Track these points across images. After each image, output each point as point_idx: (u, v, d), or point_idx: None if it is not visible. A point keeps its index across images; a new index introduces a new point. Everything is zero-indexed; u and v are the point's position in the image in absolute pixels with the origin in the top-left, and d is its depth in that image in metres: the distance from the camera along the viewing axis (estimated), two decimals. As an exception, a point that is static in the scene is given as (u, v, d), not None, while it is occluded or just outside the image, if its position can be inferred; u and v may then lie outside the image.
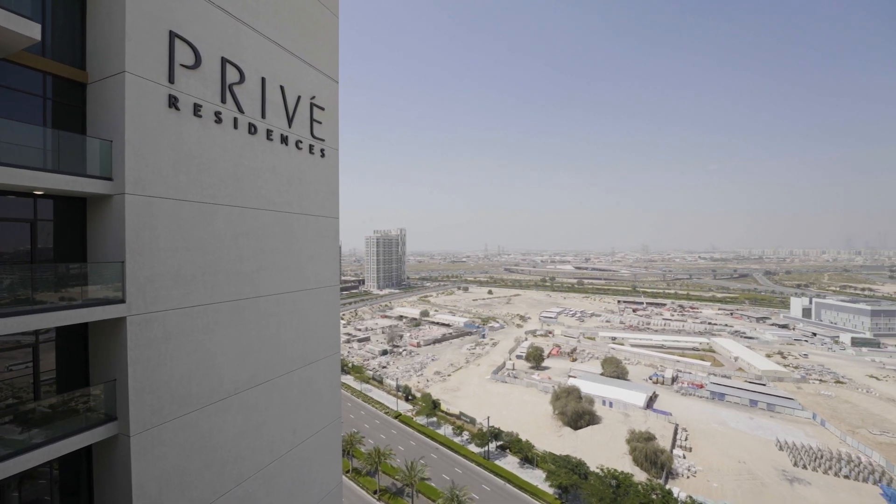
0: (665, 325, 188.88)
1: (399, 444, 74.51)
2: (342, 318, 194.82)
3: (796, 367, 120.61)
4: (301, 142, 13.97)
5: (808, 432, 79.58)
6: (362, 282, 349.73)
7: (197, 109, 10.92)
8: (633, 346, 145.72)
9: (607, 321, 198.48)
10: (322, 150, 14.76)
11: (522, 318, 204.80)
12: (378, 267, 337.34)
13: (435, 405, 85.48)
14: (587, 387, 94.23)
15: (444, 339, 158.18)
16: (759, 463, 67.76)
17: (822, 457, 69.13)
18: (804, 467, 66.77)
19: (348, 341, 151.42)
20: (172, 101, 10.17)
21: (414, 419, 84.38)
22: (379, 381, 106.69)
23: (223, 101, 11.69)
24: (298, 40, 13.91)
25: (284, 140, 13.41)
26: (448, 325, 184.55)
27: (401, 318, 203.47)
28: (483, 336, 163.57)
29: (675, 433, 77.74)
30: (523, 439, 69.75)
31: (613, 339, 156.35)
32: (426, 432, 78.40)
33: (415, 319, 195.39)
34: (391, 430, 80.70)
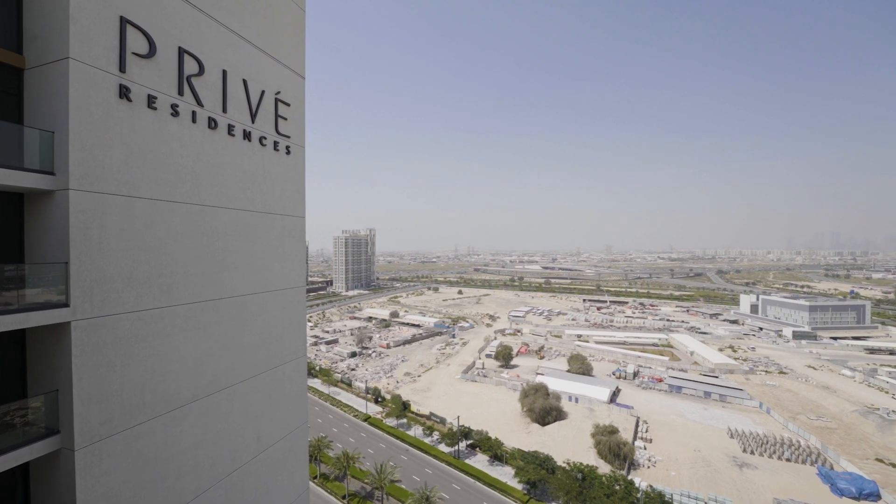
0: (627, 322, 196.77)
1: (368, 447, 73.51)
2: (309, 321, 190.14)
3: (745, 360, 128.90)
4: (265, 138, 13.49)
5: (755, 420, 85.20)
6: (330, 283, 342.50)
7: (151, 101, 10.32)
8: (597, 343, 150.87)
9: (573, 319, 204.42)
10: (287, 147, 14.32)
11: (492, 317, 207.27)
12: (347, 268, 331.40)
13: (405, 406, 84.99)
14: (554, 384, 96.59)
15: (414, 339, 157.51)
16: (712, 451, 71.86)
17: (767, 442, 74.24)
18: (752, 453, 71.45)
19: (315, 344, 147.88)
20: (124, 92, 9.55)
21: (384, 421, 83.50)
22: (348, 384, 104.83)
23: (180, 93, 11.11)
24: (262, 33, 13.44)
25: (247, 136, 12.91)
26: (418, 326, 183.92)
27: (370, 319, 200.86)
28: (453, 336, 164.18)
29: (637, 426, 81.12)
30: (493, 437, 70.59)
31: (579, 336, 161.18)
32: (396, 434, 77.78)
33: (384, 320, 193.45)
34: (360, 434, 79.49)
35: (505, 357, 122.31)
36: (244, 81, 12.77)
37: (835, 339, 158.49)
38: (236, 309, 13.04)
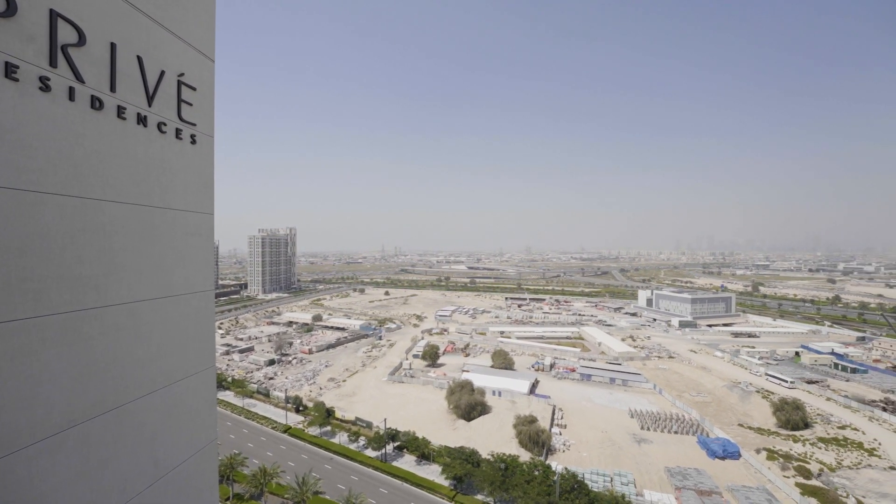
0: (545, 317, 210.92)
1: (289, 459, 69.20)
2: (219, 328, 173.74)
3: (643, 348, 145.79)
4: (165, 124, 11.98)
5: (650, 400, 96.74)
6: (244, 286, 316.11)
7: (11, 70, 8.55)
8: (518, 338, 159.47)
9: (496, 317, 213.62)
10: (193, 136, 12.87)
11: (419, 317, 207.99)
12: (264, 269, 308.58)
13: (329, 413, 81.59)
14: (479, 379, 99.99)
15: (338, 343, 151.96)
16: (616, 431, 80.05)
17: (660, 419, 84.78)
18: (648, 429, 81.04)
19: (227, 353, 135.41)
20: (-33, 56, 7.79)
21: (306, 431, 79.29)
22: (265, 395, 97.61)
23: (53, 64, 9.38)
24: (163, 6, 11.90)
25: (143, 120, 11.34)
26: (343, 329, 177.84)
27: (290, 323, 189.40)
28: (380, 338, 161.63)
29: (553, 413, 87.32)
30: (420, 437, 70.86)
31: (502, 333, 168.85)
32: (319, 443, 74.32)
33: (307, 324, 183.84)
34: (280, 446, 74.52)
35: (432, 356, 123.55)
36: (139, 58, 11.20)
37: (710, 326, 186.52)
38: (128, 317, 11.41)
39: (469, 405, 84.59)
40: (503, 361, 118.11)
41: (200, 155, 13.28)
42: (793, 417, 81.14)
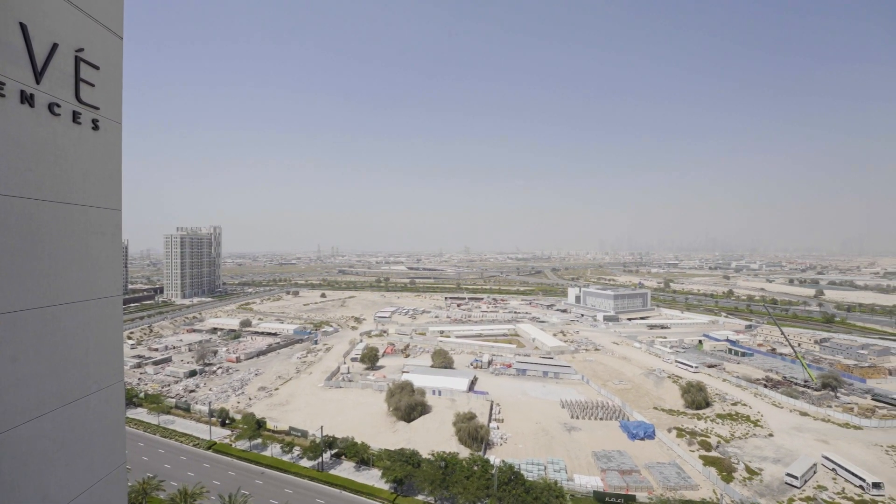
0: (483, 316, 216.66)
1: (214, 478, 63.70)
2: (130, 338, 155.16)
3: (572, 342, 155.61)
4: (58, 105, 10.37)
5: (579, 390, 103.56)
6: (160, 290, 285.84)
7: None
8: (457, 337, 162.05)
9: (436, 317, 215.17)
10: (95, 121, 11.29)
11: (357, 319, 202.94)
12: (183, 272, 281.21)
13: (259, 425, 76.49)
14: (419, 380, 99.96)
15: (270, 349, 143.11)
16: (549, 421, 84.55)
17: (587, 407, 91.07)
18: (577, 418, 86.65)
19: (139, 365, 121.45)
20: None
21: (233, 445, 73.58)
22: (185, 409, 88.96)
23: None
24: (53, -31, 10.31)
25: (28, 99, 9.71)
26: (275, 334, 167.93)
27: (215, 330, 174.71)
28: (316, 342, 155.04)
29: (491, 409, 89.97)
30: (359, 442, 69.12)
31: (441, 332, 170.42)
32: (249, 457, 69.39)
33: (234, 331, 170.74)
34: (203, 465, 68.32)
35: (371, 359, 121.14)
36: (22, 26, 9.58)
37: (629, 319, 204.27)
38: (6, 329, 9.73)
39: (409, 406, 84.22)
40: (443, 361, 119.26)
41: (105, 143, 11.70)
42: (697, 398, 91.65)
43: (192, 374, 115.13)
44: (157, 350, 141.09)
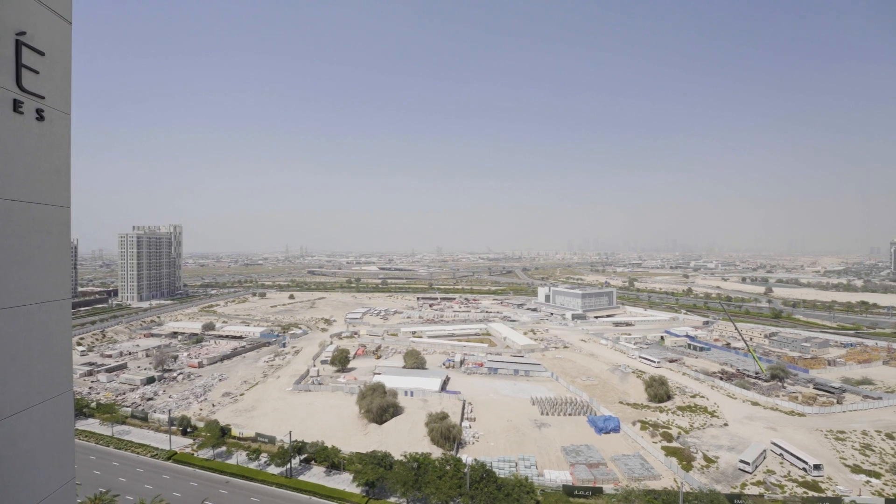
0: (455, 316, 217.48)
1: (175, 490, 60.65)
2: (80, 344, 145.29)
3: (542, 340, 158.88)
4: (-5, 93, 9.57)
5: (549, 387, 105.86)
6: (114, 293, 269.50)
7: None
8: (430, 337, 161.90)
9: (408, 317, 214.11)
10: (39, 111, 10.49)
11: (328, 321, 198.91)
12: (140, 273, 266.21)
13: (224, 432, 73.50)
14: (391, 381, 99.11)
15: (235, 353, 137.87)
16: (520, 418, 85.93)
17: (557, 404, 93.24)
18: (547, 414, 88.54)
19: (91, 373, 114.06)
20: None
21: (195, 454, 70.35)
22: (142, 418, 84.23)
23: None
24: (-10, -56, 9.49)
25: (-41, 86, 8.94)
26: (241, 338, 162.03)
27: (175, 334, 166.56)
28: (284, 345, 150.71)
29: (464, 408, 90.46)
30: (329, 446, 67.73)
31: (414, 333, 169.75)
32: (212, 466, 66.54)
33: (196, 334, 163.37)
34: (162, 476, 64.88)
35: (342, 361, 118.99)
36: (-48, 6, 8.78)
37: (596, 317, 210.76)
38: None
39: (381, 408, 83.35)
40: (415, 361, 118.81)
41: (51, 135, 10.91)
42: (659, 392, 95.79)
43: (151, 380, 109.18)
44: (110, 356, 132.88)
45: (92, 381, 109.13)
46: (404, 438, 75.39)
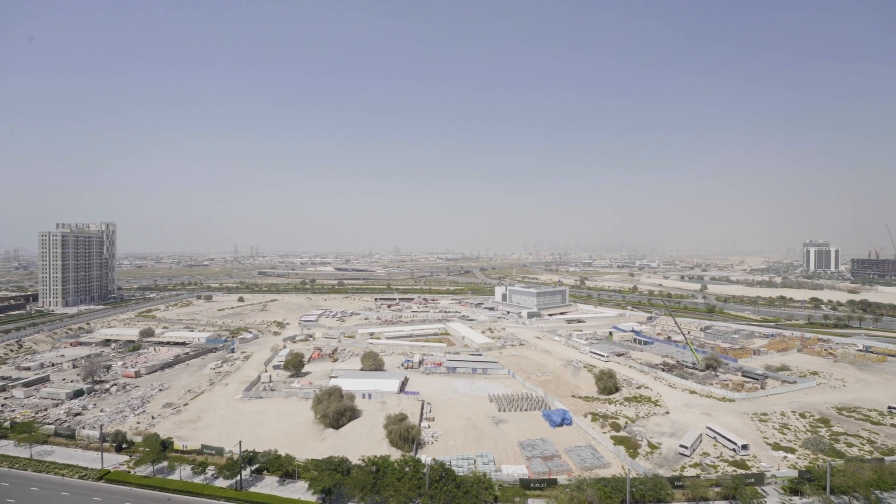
0: (413, 316, 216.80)
1: (106, 512, 55.55)
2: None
3: (499, 338, 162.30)
4: None
5: (506, 384, 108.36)
6: (34, 297, 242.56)
7: None
8: (388, 338, 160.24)
9: (366, 318, 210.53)
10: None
11: (280, 324, 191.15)
12: (66, 275, 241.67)
13: (165, 446, 68.37)
14: (348, 384, 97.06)
15: (178, 361, 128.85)
16: (478, 416, 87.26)
17: (513, 400, 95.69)
18: (504, 410, 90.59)
19: (4, 388, 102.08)
20: None
21: (132, 472, 64.89)
22: (69, 436, 76.40)
23: None
24: None
25: None
26: (184, 344, 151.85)
27: (108, 342, 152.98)
28: (232, 350, 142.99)
29: (422, 408, 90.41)
30: (283, 454, 65.08)
31: (371, 334, 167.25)
32: (152, 483, 61.69)
33: (132, 342, 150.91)
34: (93, 499, 59.18)
35: (296, 365, 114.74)
36: None
37: (550, 315, 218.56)
38: None
39: (338, 412, 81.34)
40: (373, 363, 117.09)
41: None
42: (608, 384, 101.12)
43: (79, 394, 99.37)
44: (28, 369, 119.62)
45: (5, 398, 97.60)
46: (363, 442, 74.09)
